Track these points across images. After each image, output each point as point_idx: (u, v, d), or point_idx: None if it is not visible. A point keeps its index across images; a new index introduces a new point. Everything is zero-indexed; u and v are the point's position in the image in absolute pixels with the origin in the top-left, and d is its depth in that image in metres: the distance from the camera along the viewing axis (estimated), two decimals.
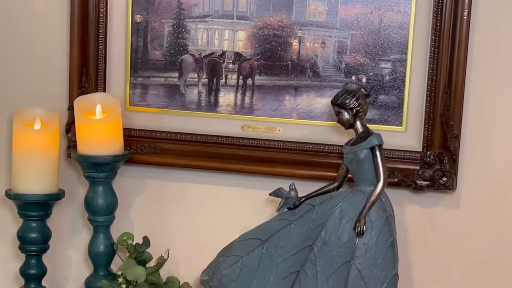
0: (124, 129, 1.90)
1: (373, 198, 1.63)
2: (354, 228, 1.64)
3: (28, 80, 2.00)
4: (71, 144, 1.94)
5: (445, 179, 1.79)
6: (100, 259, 1.89)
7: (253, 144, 1.90)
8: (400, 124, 1.82)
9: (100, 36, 1.93)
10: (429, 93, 1.79)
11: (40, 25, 1.97)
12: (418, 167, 1.81)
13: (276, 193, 1.76)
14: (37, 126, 1.85)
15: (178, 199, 1.96)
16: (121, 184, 1.95)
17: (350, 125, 1.69)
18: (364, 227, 1.63)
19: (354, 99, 1.67)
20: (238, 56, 1.89)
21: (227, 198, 1.93)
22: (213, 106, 1.92)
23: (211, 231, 1.94)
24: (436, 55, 1.77)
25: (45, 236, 1.88)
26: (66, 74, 1.96)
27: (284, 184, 1.76)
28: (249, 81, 1.89)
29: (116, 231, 1.90)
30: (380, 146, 1.65)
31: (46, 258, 1.90)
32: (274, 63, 1.87)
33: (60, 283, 2.02)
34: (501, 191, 1.80)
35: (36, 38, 1.98)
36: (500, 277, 1.82)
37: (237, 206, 1.92)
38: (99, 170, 1.84)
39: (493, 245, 1.81)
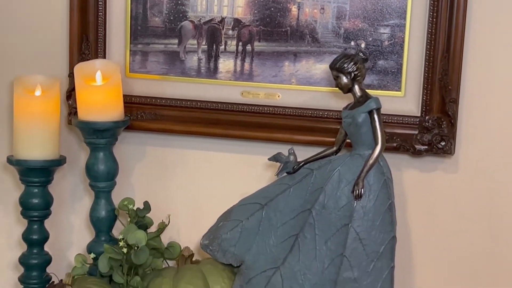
0: (124, 96, 1.91)
1: (371, 161, 1.64)
2: (353, 191, 1.65)
3: (28, 47, 2.00)
4: (72, 111, 1.96)
5: (443, 143, 1.79)
6: (102, 224, 1.90)
7: (252, 110, 1.91)
8: (399, 89, 1.83)
9: (100, 2, 1.93)
10: (427, 58, 1.79)
11: None
12: (416, 132, 1.82)
13: (275, 158, 1.77)
14: (37, 93, 1.85)
15: (178, 165, 1.97)
16: (121, 151, 1.96)
17: (348, 90, 1.69)
18: (362, 190, 1.64)
19: (352, 63, 1.67)
20: (237, 22, 1.89)
21: (227, 163, 1.95)
22: (212, 72, 1.92)
23: (211, 197, 1.95)
24: (434, 19, 1.77)
25: (47, 202, 1.89)
26: (66, 41, 1.96)
27: (284, 150, 1.78)
28: (249, 47, 1.90)
29: (117, 197, 1.91)
30: (378, 109, 1.65)
31: (48, 224, 1.92)
32: (273, 29, 1.88)
33: (62, 248, 2.04)
34: (499, 155, 1.81)
35: (36, 5, 1.99)
36: (498, 239, 1.83)
37: (237, 172, 1.94)
38: (99, 136, 1.86)
39: (491, 208, 1.83)
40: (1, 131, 2.05)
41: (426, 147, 1.81)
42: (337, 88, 1.72)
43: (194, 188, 1.97)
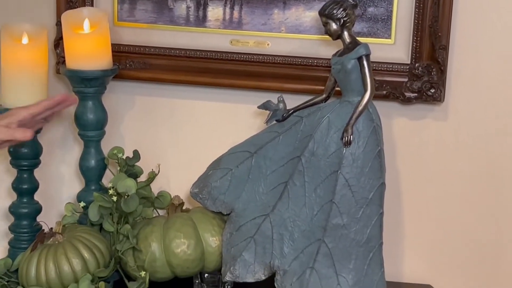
0: (113, 45, 1.89)
1: (360, 108, 1.64)
2: (342, 138, 1.65)
3: None
4: (60, 60, 1.94)
5: (433, 90, 1.79)
6: (92, 174, 1.90)
7: (242, 59, 1.89)
8: (389, 36, 1.82)
9: None
10: (417, 4, 1.78)
11: None
12: (406, 79, 1.81)
13: (264, 106, 1.77)
14: (24, 41, 1.84)
15: (168, 114, 1.97)
16: (111, 100, 1.95)
17: (337, 36, 1.68)
18: (351, 137, 1.64)
19: (341, 9, 1.66)
20: None
21: (217, 112, 1.94)
22: (201, 21, 1.91)
23: (201, 146, 1.95)
24: None
25: (36, 151, 1.89)
26: None
27: (273, 98, 1.77)
28: None
29: (106, 146, 1.91)
30: (367, 56, 1.65)
31: (38, 174, 1.92)
32: None
33: (52, 197, 2.04)
34: (488, 102, 1.81)
35: None
36: (487, 186, 1.84)
37: (226, 120, 1.93)
38: (88, 85, 1.84)
39: (480, 156, 1.83)
40: None
41: (416, 94, 1.81)
42: (326, 36, 1.71)
43: (184, 137, 1.97)
